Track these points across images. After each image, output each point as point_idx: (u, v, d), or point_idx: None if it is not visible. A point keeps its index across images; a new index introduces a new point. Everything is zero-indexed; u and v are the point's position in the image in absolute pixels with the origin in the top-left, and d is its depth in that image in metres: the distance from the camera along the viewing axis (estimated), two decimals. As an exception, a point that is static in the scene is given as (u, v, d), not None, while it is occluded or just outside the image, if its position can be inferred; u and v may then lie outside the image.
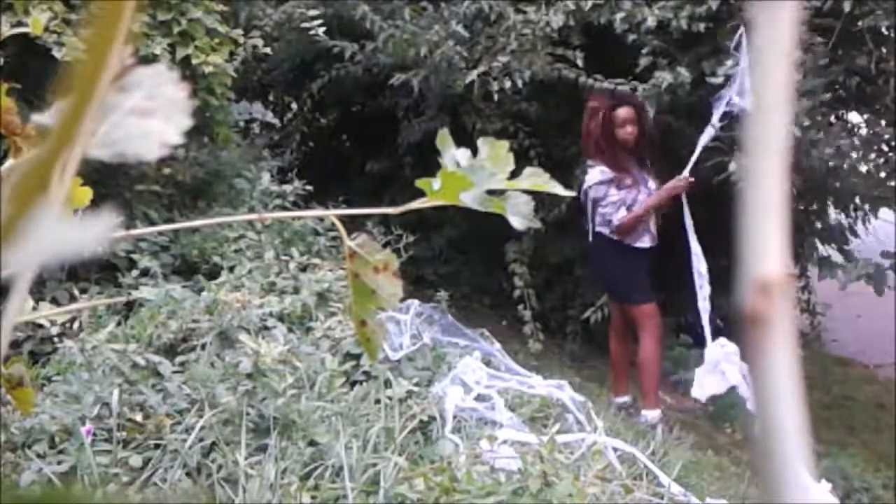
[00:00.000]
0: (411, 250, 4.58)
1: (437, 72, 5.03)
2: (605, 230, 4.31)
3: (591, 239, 4.42)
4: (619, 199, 4.26)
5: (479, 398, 3.34)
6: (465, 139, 0.69)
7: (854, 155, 4.52)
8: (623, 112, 4.27)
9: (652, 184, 4.32)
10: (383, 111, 6.03)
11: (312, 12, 5.19)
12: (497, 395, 3.35)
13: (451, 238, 5.88)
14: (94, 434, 2.65)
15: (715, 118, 4.01)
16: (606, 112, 4.27)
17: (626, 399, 4.50)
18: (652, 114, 4.49)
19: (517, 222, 0.66)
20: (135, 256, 3.97)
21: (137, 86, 0.42)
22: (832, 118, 4.73)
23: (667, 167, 4.36)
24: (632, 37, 4.51)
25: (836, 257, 4.75)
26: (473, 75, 4.81)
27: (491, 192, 0.65)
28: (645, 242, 4.31)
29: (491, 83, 4.80)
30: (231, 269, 4.00)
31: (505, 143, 0.66)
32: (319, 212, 2.06)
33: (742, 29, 3.97)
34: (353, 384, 3.23)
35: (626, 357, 4.60)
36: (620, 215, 4.24)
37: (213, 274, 4.03)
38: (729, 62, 4.00)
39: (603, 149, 4.28)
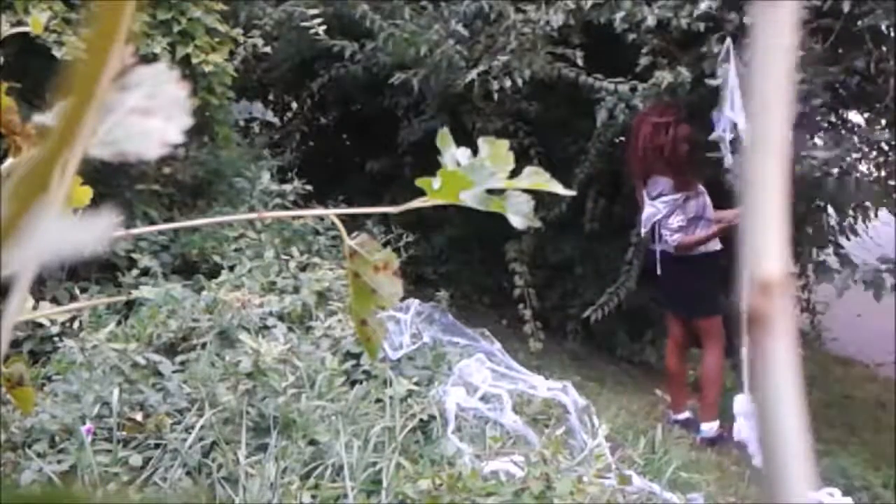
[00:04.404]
0: (411, 249, 4.58)
1: (437, 71, 5.03)
2: (671, 248, 4.23)
3: (658, 261, 4.26)
4: (683, 218, 4.19)
5: (482, 398, 3.34)
6: (466, 138, 0.69)
7: (854, 155, 4.52)
8: (685, 128, 4.23)
9: (702, 188, 4.27)
10: (383, 110, 6.03)
11: (312, 11, 5.18)
12: (506, 395, 3.36)
13: (451, 237, 5.88)
14: (95, 433, 2.65)
15: (718, 132, 3.92)
16: (675, 127, 4.20)
17: (687, 416, 4.45)
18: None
19: (517, 221, 0.66)
20: (135, 255, 3.97)
21: (138, 85, 0.42)
22: (833, 119, 4.73)
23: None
24: (632, 36, 4.51)
25: (832, 260, 4.74)
26: (473, 74, 4.80)
27: (491, 192, 0.65)
28: (716, 245, 4.23)
29: (491, 82, 4.79)
30: (231, 269, 4.00)
31: (505, 143, 0.66)
32: (319, 211, 2.06)
33: (728, 41, 3.94)
34: (353, 383, 3.23)
35: (685, 373, 4.56)
36: (677, 237, 4.17)
37: (213, 273, 4.03)
38: (718, 71, 3.99)
39: (673, 165, 4.19)
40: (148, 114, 0.42)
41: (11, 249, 0.27)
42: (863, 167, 4.64)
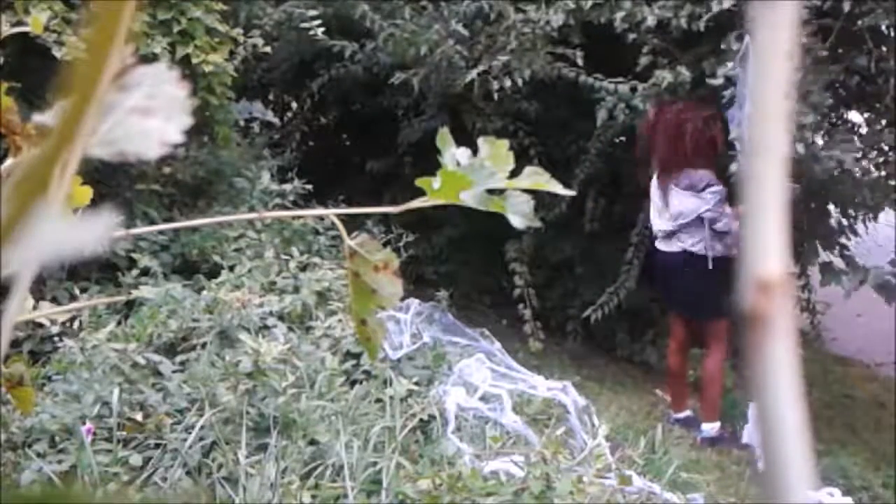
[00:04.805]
0: (411, 249, 4.58)
1: (437, 71, 5.03)
2: (703, 248, 4.22)
3: (667, 262, 4.30)
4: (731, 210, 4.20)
5: (482, 398, 3.34)
6: (466, 138, 0.69)
7: (854, 155, 4.51)
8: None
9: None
10: (383, 110, 6.03)
11: (312, 12, 5.19)
12: (506, 395, 3.36)
13: (451, 237, 5.88)
14: (95, 433, 2.65)
15: (737, 131, 3.94)
16: (717, 121, 4.23)
17: (688, 414, 4.48)
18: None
19: (517, 221, 0.66)
20: (135, 255, 3.97)
21: (138, 85, 0.42)
22: (833, 119, 4.73)
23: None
24: (632, 36, 4.50)
25: (837, 262, 4.73)
26: (473, 74, 4.80)
27: (491, 192, 0.65)
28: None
29: (491, 82, 4.79)
30: (231, 269, 4.00)
31: (505, 142, 0.66)
32: (319, 211, 2.06)
33: (748, 38, 3.92)
34: (353, 383, 3.24)
35: (686, 372, 4.58)
36: (736, 223, 4.15)
37: (213, 273, 4.03)
38: (730, 63, 3.99)
39: (716, 157, 4.22)
40: (148, 114, 0.42)
41: (11, 249, 0.27)
42: (863, 167, 4.64)
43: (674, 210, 4.26)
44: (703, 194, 4.20)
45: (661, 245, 4.38)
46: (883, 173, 4.68)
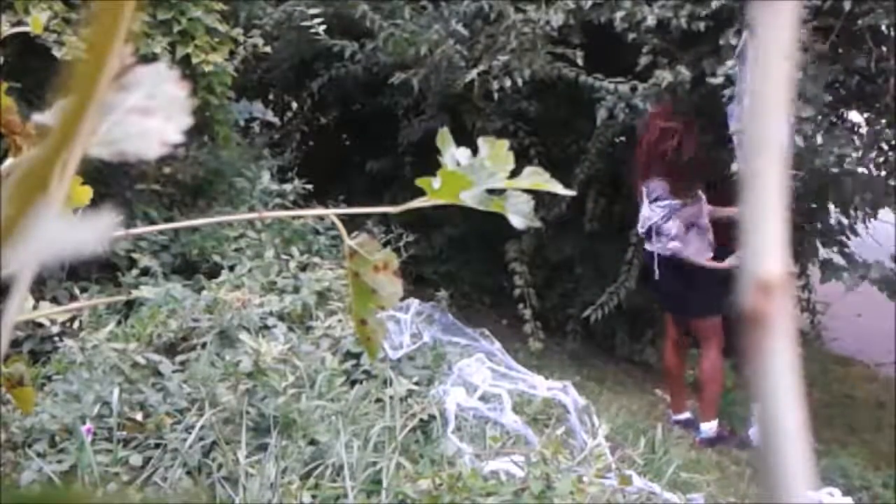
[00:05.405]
0: (411, 249, 4.57)
1: (438, 71, 5.03)
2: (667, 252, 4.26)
3: (656, 263, 4.31)
4: (680, 225, 4.20)
5: (482, 398, 3.34)
6: (466, 138, 0.69)
7: (854, 155, 4.51)
8: (692, 136, 4.26)
9: (700, 195, 4.29)
10: (383, 110, 6.03)
11: (312, 11, 5.19)
12: (506, 395, 3.36)
13: (451, 237, 5.88)
14: (95, 433, 2.65)
15: (735, 125, 3.94)
16: (680, 134, 4.22)
17: (687, 416, 4.49)
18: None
19: (517, 221, 0.66)
20: (135, 255, 3.97)
21: (137, 85, 0.42)
22: (833, 119, 4.73)
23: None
24: (632, 35, 4.50)
25: (837, 259, 4.72)
26: (473, 74, 4.80)
27: (491, 191, 0.65)
28: (708, 253, 4.25)
29: (491, 82, 4.79)
30: (231, 268, 4.00)
31: (505, 142, 0.66)
32: (319, 211, 2.05)
33: (746, 33, 3.92)
34: (353, 383, 3.23)
35: (684, 372, 4.59)
36: (673, 245, 4.18)
37: (213, 273, 4.03)
38: (729, 62, 3.99)
39: (673, 171, 4.23)
40: (148, 114, 0.42)
41: (11, 249, 0.27)
42: (863, 167, 4.63)
43: (641, 215, 4.36)
44: (652, 206, 4.26)
45: (646, 245, 4.41)
46: (883, 173, 4.68)
